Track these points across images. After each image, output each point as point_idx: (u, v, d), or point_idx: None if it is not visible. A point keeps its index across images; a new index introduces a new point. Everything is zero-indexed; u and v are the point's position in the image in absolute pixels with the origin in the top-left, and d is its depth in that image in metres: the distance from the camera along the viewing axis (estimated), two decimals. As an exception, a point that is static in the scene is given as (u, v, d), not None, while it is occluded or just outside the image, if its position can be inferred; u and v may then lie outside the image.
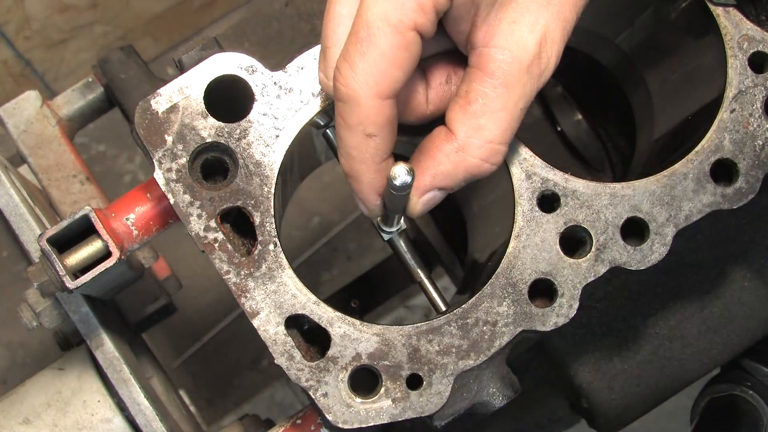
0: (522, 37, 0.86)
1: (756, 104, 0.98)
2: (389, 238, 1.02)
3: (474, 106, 0.87)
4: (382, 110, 0.84)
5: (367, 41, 0.82)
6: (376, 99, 0.84)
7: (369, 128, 0.85)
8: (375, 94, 0.83)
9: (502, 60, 0.86)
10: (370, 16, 0.83)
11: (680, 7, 1.07)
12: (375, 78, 0.83)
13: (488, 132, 0.87)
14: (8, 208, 1.10)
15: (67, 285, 0.92)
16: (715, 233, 1.22)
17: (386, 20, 0.82)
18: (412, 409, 0.92)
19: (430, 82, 0.93)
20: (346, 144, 0.87)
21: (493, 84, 0.87)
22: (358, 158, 0.87)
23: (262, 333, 0.92)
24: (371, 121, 0.85)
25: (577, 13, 0.89)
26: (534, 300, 0.94)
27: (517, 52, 0.86)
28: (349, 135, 0.86)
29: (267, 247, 0.93)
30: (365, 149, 0.86)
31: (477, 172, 0.89)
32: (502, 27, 0.86)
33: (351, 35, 0.84)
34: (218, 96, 0.95)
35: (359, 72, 0.83)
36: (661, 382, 1.22)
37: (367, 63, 0.83)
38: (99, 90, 1.31)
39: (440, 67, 0.93)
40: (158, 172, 0.93)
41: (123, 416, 1.11)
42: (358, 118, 0.84)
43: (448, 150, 0.88)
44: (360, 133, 0.85)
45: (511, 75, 0.86)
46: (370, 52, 0.83)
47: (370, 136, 0.85)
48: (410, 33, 0.83)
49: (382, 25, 0.82)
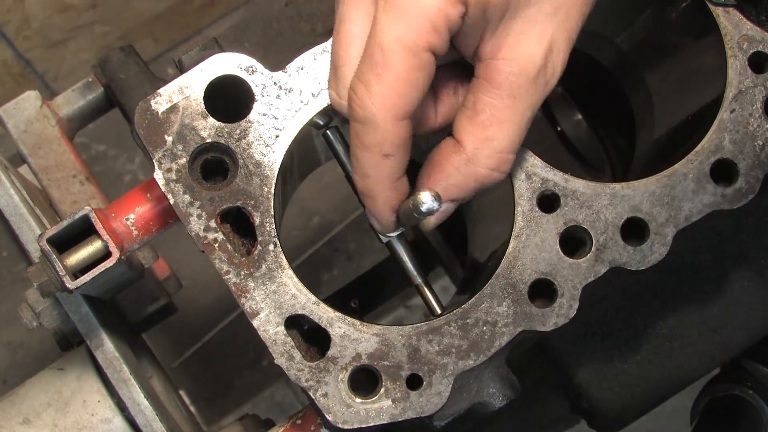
0: (529, 48, 0.87)
1: (756, 104, 0.98)
2: (388, 241, 1.01)
3: (482, 117, 0.87)
4: (399, 131, 0.85)
5: (383, 65, 0.83)
6: (394, 121, 0.84)
7: (386, 149, 0.85)
8: (392, 116, 0.84)
9: (510, 72, 0.87)
10: (384, 39, 0.83)
11: (680, 7, 1.07)
12: (392, 100, 0.83)
13: (497, 142, 0.87)
14: (8, 208, 1.10)
15: (67, 285, 0.92)
16: (715, 233, 1.22)
17: (401, 43, 0.82)
18: (412, 409, 0.92)
19: (439, 95, 0.93)
20: (362, 164, 0.87)
21: (500, 95, 0.87)
22: (374, 178, 0.87)
23: (262, 333, 0.92)
24: (389, 142, 0.85)
25: (582, 22, 0.90)
26: (534, 300, 0.94)
27: (525, 63, 0.87)
28: (365, 155, 0.86)
29: (267, 247, 0.93)
30: (382, 169, 0.87)
31: (487, 182, 0.90)
32: (510, 39, 0.87)
33: (366, 57, 0.84)
34: (218, 96, 0.95)
35: (376, 94, 0.83)
36: (661, 382, 1.22)
37: (383, 86, 0.83)
38: (99, 90, 1.31)
39: (448, 79, 0.93)
40: (158, 172, 0.93)
41: (123, 416, 1.11)
42: (375, 139, 0.85)
43: (457, 162, 0.88)
44: (377, 153, 0.85)
45: (519, 86, 0.87)
46: (386, 75, 0.83)
47: (387, 156, 0.86)
48: (425, 54, 0.83)
49: (397, 48, 0.82)
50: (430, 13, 0.82)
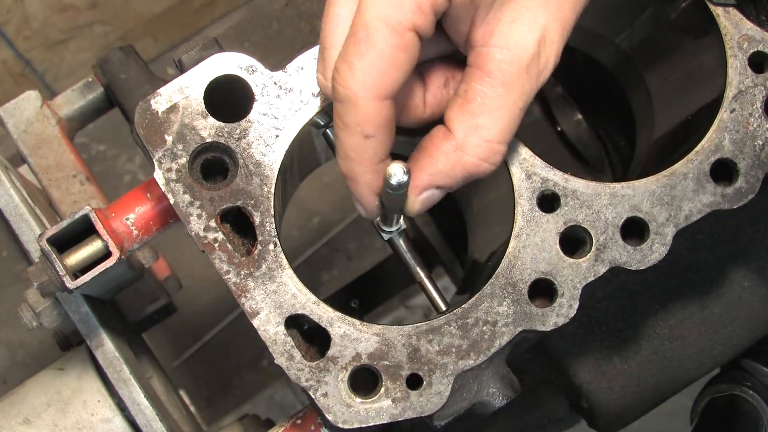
0: (521, 36, 0.86)
1: (756, 104, 0.98)
2: (389, 238, 1.01)
3: (472, 105, 0.87)
4: (380, 111, 0.84)
5: (366, 42, 0.82)
6: (375, 100, 0.84)
7: (367, 129, 0.85)
8: (373, 95, 0.83)
9: (501, 59, 0.86)
10: (368, 17, 0.82)
11: (680, 7, 1.07)
12: (373, 79, 0.83)
13: (486, 131, 0.87)
14: (8, 208, 1.10)
15: (67, 285, 0.92)
16: (715, 233, 1.22)
17: (384, 21, 0.82)
18: (412, 409, 0.92)
19: (428, 86, 0.93)
20: (344, 145, 0.87)
21: (491, 83, 0.86)
22: (356, 159, 0.87)
23: (262, 333, 0.92)
24: (369, 122, 0.84)
25: (576, 13, 0.89)
26: (534, 300, 0.94)
27: (516, 51, 0.86)
28: (347, 136, 0.86)
29: (267, 247, 0.93)
30: (363, 150, 0.86)
31: (475, 172, 0.89)
32: (501, 26, 0.86)
33: (349, 36, 0.84)
34: (218, 96, 0.95)
35: (358, 73, 0.83)
36: (661, 382, 1.22)
37: (365, 64, 0.83)
38: (99, 90, 1.31)
39: (439, 71, 0.93)
40: (158, 172, 0.93)
41: (123, 416, 1.11)
42: (356, 118, 0.84)
43: (446, 149, 0.88)
44: (358, 134, 0.85)
45: (510, 74, 0.86)
46: (368, 53, 0.82)
47: (368, 137, 0.85)
48: (409, 34, 0.83)
49: (380, 26, 0.82)
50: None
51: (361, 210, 0.93)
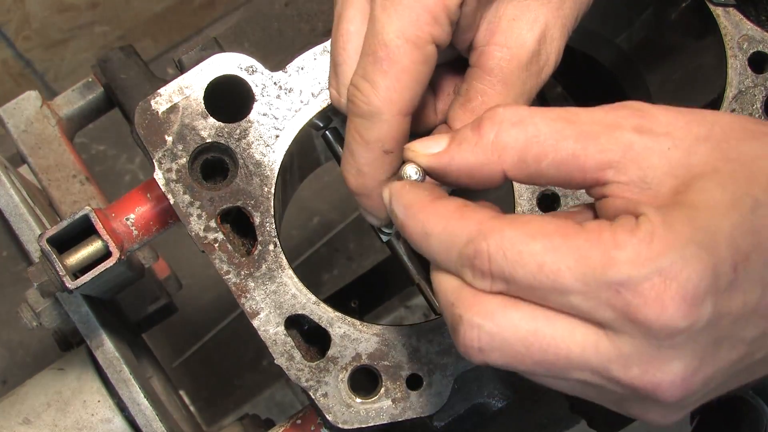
0: (521, 34, 0.86)
1: (756, 104, 0.98)
2: (388, 240, 1.01)
3: (473, 104, 0.87)
4: (402, 126, 0.84)
5: (388, 60, 0.82)
6: (399, 116, 0.83)
7: (388, 145, 0.84)
8: (398, 110, 0.83)
9: (501, 57, 0.86)
10: (387, 35, 0.82)
11: (680, 7, 1.07)
12: (399, 94, 0.82)
13: None
14: (8, 208, 1.10)
15: (67, 285, 0.92)
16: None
17: (405, 38, 0.82)
18: (412, 409, 0.92)
19: (439, 93, 0.93)
20: (359, 161, 0.85)
21: (491, 81, 0.86)
22: (370, 175, 0.85)
23: (262, 333, 0.92)
24: (392, 138, 0.84)
25: (578, 11, 0.89)
26: (534, 300, 0.94)
27: (516, 49, 0.86)
28: (365, 152, 0.85)
29: (267, 247, 0.93)
30: (380, 165, 0.85)
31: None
32: (502, 25, 0.86)
33: (368, 55, 0.83)
34: (218, 96, 0.95)
35: (381, 89, 0.82)
36: (661, 382, 1.22)
37: (389, 80, 0.82)
38: (99, 90, 1.31)
39: (448, 77, 0.93)
40: (158, 172, 0.93)
41: (123, 416, 1.11)
42: (378, 134, 0.83)
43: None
44: (378, 149, 0.84)
45: (510, 72, 0.86)
46: (392, 71, 0.82)
47: (387, 153, 0.84)
48: (429, 47, 0.83)
49: (401, 44, 0.82)
50: (429, 4, 0.82)
51: (374, 221, 0.92)
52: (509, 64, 0.86)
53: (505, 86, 0.86)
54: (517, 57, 0.86)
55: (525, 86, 0.87)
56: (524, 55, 0.86)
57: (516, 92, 0.87)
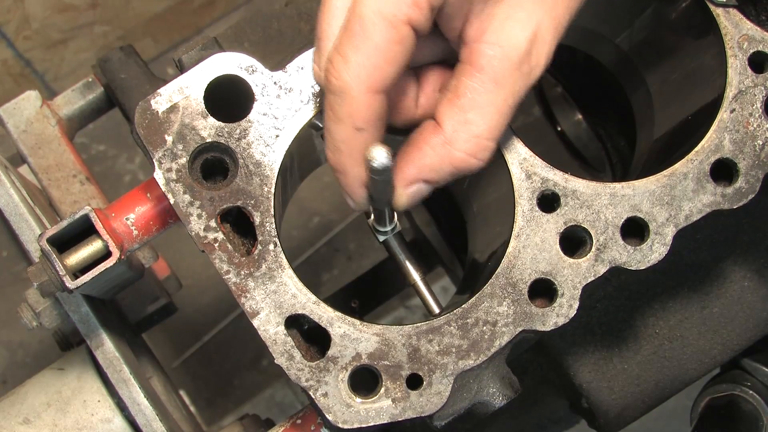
0: (513, 33, 0.86)
1: (756, 104, 0.98)
2: (384, 239, 1.02)
3: (462, 100, 0.87)
4: (372, 104, 0.84)
5: (361, 35, 0.83)
6: (368, 93, 0.84)
7: (358, 122, 0.85)
8: (367, 87, 0.83)
9: (492, 55, 0.86)
10: (364, 9, 0.83)
11: (680, 7, 1.07)
12: (367, 71, 0.83)
13: (475, 126, 0.87)
14: (8, 208, 1.10)
15: (67, 285, 0.92)
16: (715, 233, 1.22)
17: (380, 14, 0.82)
18: (412, 409, 0.92)
19: (423, 88, 0.93)
20: (334, 137, 0.87)
21: (482, 79, 0.87)
22: (345, 152, 0.87)
23: (262, 333, 0.92)
24: (361, 115, 0.85)
25: (570, 13, 0.89)
26: (534, 300, 0.94)
27: (508, 48, 0.86)
28: (338, 128, 0.86)
29: (267, 247, 0.93)
30: (353, 143, 0.86)
31: (463, 167, 0.89)
32: (494, 23, 0.87)
33: (344, 29, 0.84)
34: (218, 96, 0.95)
35: (352, 65, 0.83)
36: (661, 382, 1.22)
37: (360, 56, 0.83)
38: (99, 90, 1.31)
39: (435, 74, 0.93)
40: (158, 172, 0.93)
41: (123, 416, 1.11)
42: (348, 110, 0.84)
43: (434, 142, 0.88)
44: (349, 126, 0.85)
45: (501, 71, 0.87)
46: (363, 46, 0.83)
47: (359, 130, 0.85)
48: (404, 27, 0.83)
49: (376, 19, 0.82)
50: None
51: (351, 202, 0.92)
52: (500, 63, 0.86)
53: (495, 85, 0.87)
54: (508, 56, 0.86)
55: (515, 86, 0.87)
56: (516, 55, 0.86)
57: (506, 91, 0.87)
